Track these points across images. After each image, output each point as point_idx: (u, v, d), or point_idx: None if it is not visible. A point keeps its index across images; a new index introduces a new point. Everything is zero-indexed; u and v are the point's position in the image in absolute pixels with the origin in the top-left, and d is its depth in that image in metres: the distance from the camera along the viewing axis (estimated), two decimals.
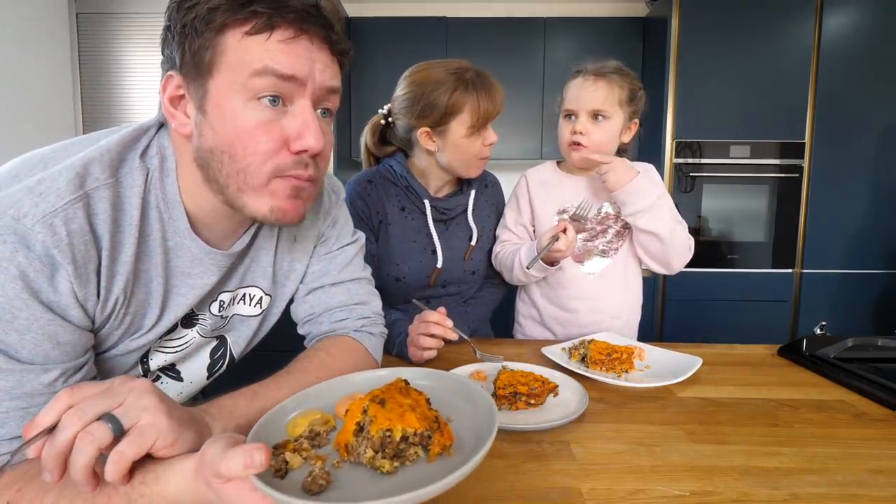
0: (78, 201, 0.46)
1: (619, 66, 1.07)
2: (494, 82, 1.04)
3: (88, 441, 0.38)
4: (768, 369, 0.89)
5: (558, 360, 0.85)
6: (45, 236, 0.44)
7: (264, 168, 0.51)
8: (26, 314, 0.44)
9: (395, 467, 0.42)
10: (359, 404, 0.46)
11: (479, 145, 1.04)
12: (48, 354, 0.46)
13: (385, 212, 1.09)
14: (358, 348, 0.73)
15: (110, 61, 2.31)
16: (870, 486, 0.52)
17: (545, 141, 2.69)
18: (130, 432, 0.40)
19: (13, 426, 0.45)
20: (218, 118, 0.49)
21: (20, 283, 0.44)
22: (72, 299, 0.46)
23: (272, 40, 0.48)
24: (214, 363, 0.68)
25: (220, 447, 0.39)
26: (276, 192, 0.53)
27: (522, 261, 1.06)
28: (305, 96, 0.51)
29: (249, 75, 0.48)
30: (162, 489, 0.42)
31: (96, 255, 0.48)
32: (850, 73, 2.20)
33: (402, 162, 1.12)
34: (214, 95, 0.49)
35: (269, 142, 0.50)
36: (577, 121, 1.06)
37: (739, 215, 2.32)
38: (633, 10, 2.72)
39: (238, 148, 0.49)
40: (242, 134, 0.49)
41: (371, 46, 2.64)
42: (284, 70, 0.49)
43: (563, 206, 1.13)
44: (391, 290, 1.09)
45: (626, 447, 0.60)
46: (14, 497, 0.43)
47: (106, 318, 0.51)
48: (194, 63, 0.49)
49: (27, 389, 0.45)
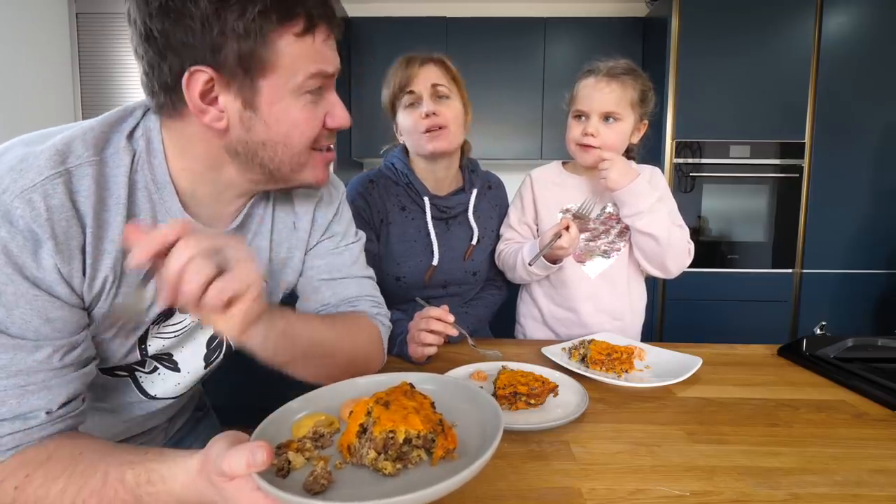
0: (58, 177, 0.46)
1: (630, 66, 1.06)
2: (412, 59, 1.04)
3: (196, 271, 0.41)
4: (768, 369, 0.89)
5: (558, 360, 0.85)
6: (24, 211, 0.44)
7: (307, 146, 0.58)
8: (12, 289, 0.45)
9: (397, 469, 0.42)
10: (363, 406, 0.46)
11: (415, 116, 1.04)
12: (38, 330, 0.46)
13: (386, 211, 1.10)
14: (373, 330, 0.75)
15: (110, 61, 2.32)
16: (870, 486, 0.52)
17: (545, 141, 2.69)
18: (231, 273, 0.44)
19: (13, 404, 0.45)
20: (273, 115, 0.53)
21: (3, 257, 0.44)
22: (56, 275, 0.46)
23: (317, 41, 0.54)
24: (211, 353, 0.69)
25: (223, 445, 0.40)
26: (317, 166, 0.61)
27: (525, 258, 1.06)
28: (332, 83, 0.59)
29: (305, 77, 0.53)
30: (169, 487, 0.43)
31: (80, 232, 0.48)
32: (850, 73, 2.20)
33: (404, 158, 1.12)
34: (268, 94, 0.52)
35: (315, 127, 0.57)
36: (589, 122, 1.05)
37: (739, 215, 2.32)
38: (633, 10, 2.72)
39: (294, 138, 0.55)
40: (298, 125, 0.55)
41: (371, 46, 2.64)
42: (331, 70, 0.56)
43: (566, 206, 1.14)
44: (392, 290, 1.09)
45: (626, 447, 0.60)
46: (22, 482, 0.44)
47: (96, 297, 0.51)
48: (241, 63, 0.50)
49: (21, 367, 0.46)
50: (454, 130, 1.06)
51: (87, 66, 2.33)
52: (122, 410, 0.64)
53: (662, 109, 2.28)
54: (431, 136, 1.04)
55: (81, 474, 0.44)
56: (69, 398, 0.49)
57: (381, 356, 0.77)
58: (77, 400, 0.50)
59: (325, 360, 0.64)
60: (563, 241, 0.97)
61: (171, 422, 0.79)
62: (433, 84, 1.03)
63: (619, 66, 1.04)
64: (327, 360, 0.65)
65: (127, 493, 0.44)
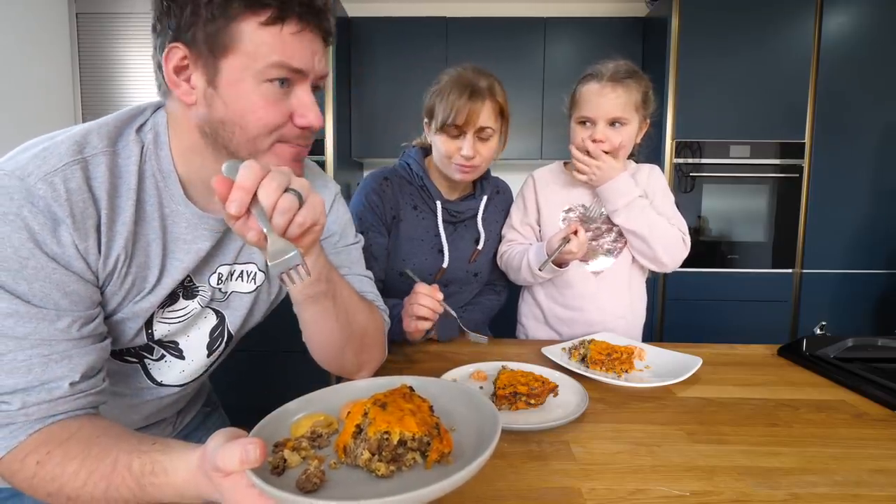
0: (76, 163, 0.51)
1: (632, 68, 1.05)
2: (476, 93, 0.99)
3: (287, 206, 0.47)
4: (768, 369, 0.89)
5: (558, 360, 0.85)
6: (46, 192, 0.48)
7: (270, 137, 0.58)
8: (33, 263, 0.48)
9: (390, 471, 0.42)
10: (360, 407, 0.46)
11: (453, 148, 1.03)
12: (58, 303, 0.50)
13: (399, 208, 1.11)
14: (380, 318, 0.78)
15: (110, 61, 2.32)
16: (870, 486, 0.52)
17: (545, 141, 2.69)
18: (307, 204, 0.49)
19: (38, 372, 0.48)
20: (230, 95, 0.54)
21: (25, 233, 0.48)
22: (74, 251, 0.51)
23: (284, 33, 0.54)
24: (213, 341, 0.71)
25: (220, 440, 0.41)
26: (281, 155, 0.60)
27: (532, 263, 1.06)
28: (307, 82, 0.58)
29: (265, 65, 0.54)
30: (171, 480, 0.44)
31: (95, 213, 0.52)
32: (850, 73, 2.19)
33: (420, 160, 1.13)
34: (228, 75, 0.54)
35: (277, 116, 0.56)
36: (596, 129, 1.05)
37: (739, 215, 2.32)
38: (633, 10, 2.72)
39: (250, 121, 0.56)
40: (254, 109, 0.55)
41: (371, 46, 2.64)
42: (295, 64, 0.55)
43: (568, 206, 1.14)
44: (395, 284, 1.11)
45: (626, 447, 0.60)
46: (43, 458, 0.47)
47: (109, 275, 0.55)
48: (207, 43, 0.53)
49: (44, 335, 0.49)
50: (484, 166, 1.08)
51: (87, 66, 2.32)
52: (134, 396, 0.67)
53: (662, 109, 2.28)
54: (462, 169, 1.05)
55: (95, 458, 0.46)
56: (89, 369, 0.52)
57: (383, 347, 0.79)
58: (97, 377, 0.54)
59: (347, 316, 0.67)
60: (572, 245, 0.97)
61: (179, 415, 0.81)
62: (481, 127, 1.01)
63: (621, 70, 1.03)
64: (349, 318, 0.68)
65: (132, 482, 0.45)
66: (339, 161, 2.48)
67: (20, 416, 0.48)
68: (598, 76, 1.04)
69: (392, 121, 2.66)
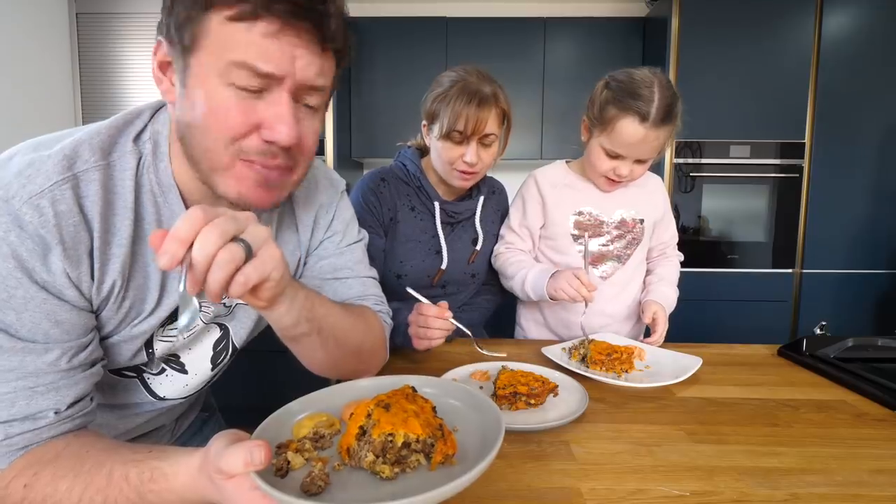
0: (65, 182, 0.47)
1: (673, 102, 0.97)
2: (483, 101, 0.98)
3: (228, 259, 0.39)
4: (768, 369, 0.89)
5: (558, 360, 0.85)
6: (33, 217, 0.44)
7: (229, 149, 0.50)
8: (21, 293, 0.45)
9: (395, 473, 0.42)
10: (363, 408, 0.46)
11: (455, 155, 1.02)
12: (48, 333, 0.47)
13: (396, 209, 1.11)
14: (379, 325, 0.75)
15: (110, 61, 2.31)
16: (870, 486, 0.52)
17: (545, 141, 2.69)
18: (256, 258, 0.42)
19: (23, 405, 0.46)
20: (196, 94, 0.49)
21: (13, 261, 0.44)
22: (65, 279, 0.47)
23: (255, 31, 0.47)
24: (217, 355, 0.68)
25: (222, 443, 0.40)
26: (242, 179, 0.52)
27: (528, 287, 1.06)
28: (283, 89, 0.50)
29: (228, 64, 0.47)
30: (171, 485, 0.43)
31: (87, 237, 0.48)
32: (850, 73, 2.19)
33: (416, 161, 1.12)
34: (195, 72, 0.49)
35: (239, 124, 0.49)
36: (624, 163, 1.02)
37: (739, 215, 2.31)
38: (633, 10, 2.72)
39: (211, 126, 0.49)
40: (216, 113, 0.48)
41: (371, 46, 2.64)
42: (261, 67, 0.47)
43: (579, 208, 1.13)
44: (392, 286, 1.10)
45: (626, 447, 0.60)
46: (31, 480, 0.45)
47: (104, 301, 0.51)
48: (179, 36, 0.48)
49: (31, 369, 0.46)
50: (484, 171, 1.08)
51: (87, 66, 2.32)
52: (130, 410, 0.64)
53: None
54: (463, 176, 1.05)
55: (88, 472, 0.45)
56: (77, 398, 0.49)
57: (384, 352, 0.78)
58: (85, 400, 0.51)
59: (336, 342, 0.63)
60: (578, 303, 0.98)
61: (177, 422, 0.79)
62: (485, 134, 1.01)
63: (663, 107, 0.95)
64: (339, 343, 0.64)
65: (131, 491, 0.44)
66: (339, 161, 2.48)
67: (2, 448, 0.46)
68: (642, 115, 0.95)
69: (392, 121, 2.65)
